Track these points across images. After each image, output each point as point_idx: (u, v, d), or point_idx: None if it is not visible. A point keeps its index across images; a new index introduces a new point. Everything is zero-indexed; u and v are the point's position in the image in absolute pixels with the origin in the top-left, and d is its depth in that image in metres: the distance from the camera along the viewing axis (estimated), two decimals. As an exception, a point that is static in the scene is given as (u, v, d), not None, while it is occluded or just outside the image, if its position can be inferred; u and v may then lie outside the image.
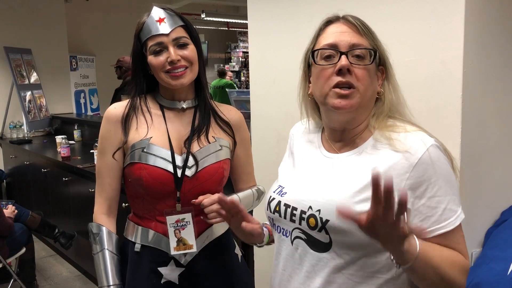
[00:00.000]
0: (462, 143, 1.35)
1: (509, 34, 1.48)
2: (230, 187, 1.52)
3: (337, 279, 0.99)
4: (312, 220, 1.00)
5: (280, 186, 1.14)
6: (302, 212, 1.02)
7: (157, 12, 1.37)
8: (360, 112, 1.02)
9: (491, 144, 1.48)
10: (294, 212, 1.04)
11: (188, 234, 1.38)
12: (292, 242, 1.06)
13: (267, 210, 1.13)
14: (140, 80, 1.43)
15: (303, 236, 1.03)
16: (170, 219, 1.37)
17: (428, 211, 0.93)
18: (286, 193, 1.10)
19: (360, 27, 1.01)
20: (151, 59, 1.35)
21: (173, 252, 1.37)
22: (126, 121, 1.40)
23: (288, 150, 1.24)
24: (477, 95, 1.39)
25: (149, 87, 1.46)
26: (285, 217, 1.07)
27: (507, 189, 1.56)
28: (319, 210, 0.99)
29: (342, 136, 1.06)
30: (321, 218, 0.98)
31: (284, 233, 1.08)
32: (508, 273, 1.33)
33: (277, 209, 1.09)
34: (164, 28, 1.35)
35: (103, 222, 1.41)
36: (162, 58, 1.33)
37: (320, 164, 1.08)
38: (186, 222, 1.37)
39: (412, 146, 0.94)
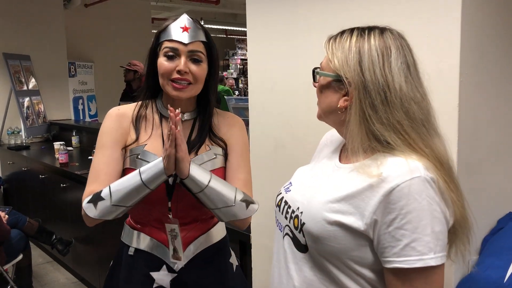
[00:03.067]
0: (459, 152, 1.36)
1: (506, 44, 1.49)
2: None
3: (312, 282, 1.01)
4: (296, 220, 1.04)
5: (290, 183, 1.17)
6: (292, 211, 1.06)
7: (183, 20, 1.36)
8: (333, 124, 1.08)
9: (487, 153, 1.49)
10: (288, 210, 1.09)
11: (178, 245, 1.38)
12: (283, 237, 1.10)
13: (275, 202, 1.18)
14: (151, 82, 1.42)
15: (290, 234, 1.06)
16: (167, 227, 1.37)
17: (392, 241, 0.89)
18: (290, 190, 1.13)
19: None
20: (161, 61, 1.35)
21: (171, 260, 1.38)
22: (137, 122, 1.41)
23: (316, 152, 1.26)
24: (473, 104, 1.41)
25: (153, 93, 1.46)
26: (282, 213, 1.12)
27: (504, 197, 1.57)
28: (302, 212, 1.02)
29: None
30: (301, 220, 1.01)
31: (280, 228, 1.13)
32: (505, 280, 1.33)
33: (279, 203, 1.14)
34: (185, 37, 1.34)
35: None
36: (171, 64, 1.33)
37: (327, 171, 1.10)
38: (176, 233, 1.37)
39: (396, 171, 0.90)
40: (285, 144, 1.99)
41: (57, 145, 4.25)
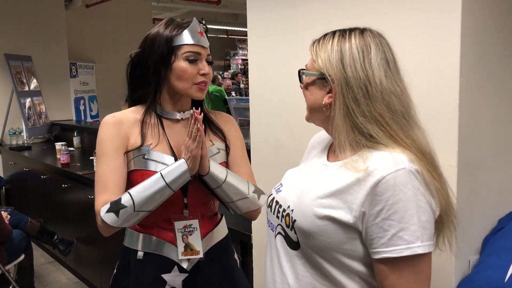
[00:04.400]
0: (459, 151, 1.36)
1: (506, 43, 1.49)
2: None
3: (305, 279, 1.04)
4: (287, 218, 1.07)
5: (281, 184, 1.21)
6: (284, 210, 1.09)
7: (197, 25, 1.40)
8: (320, 122, 1.11)
9: (488, 152, 1.49)
10: (279, 209, 1.12)
11: (195, 240, 1.39)
12: (275, 237, 1.13)
13: (266, 203, 1.21)
14: (159, 86, 1.41)
15: (283, 232, 1.09)
16: (178, 224, 1.38)
17: (379, 232, 0.93)
18: (281, 191, 1.17)
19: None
20: (183, 65, 1.36)
21: (180, 257, 1.38)
22: (143, 127, 1.40)
23: (305, 154, 1.29)
24: (473, 103, 1.41)
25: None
26: (273, 213, 1.15)
27: (504, 197, 1.57)
28: (292, 210, 1.05)
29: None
30: (292, 217, 1.04)
31: (271, 228, 1.16)
32: (506, 280, 1.33)
33: (270, 204, 1.18)
34: (204, 41, 1.40)
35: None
36: (195, 68, 1.36)
37: (316, 170, 1.12)
38: (194, 228, 1.38)
39: (381, 165, 0.94)
40: (285, 144, 2.00)
41: (58, 145, 4.26)
